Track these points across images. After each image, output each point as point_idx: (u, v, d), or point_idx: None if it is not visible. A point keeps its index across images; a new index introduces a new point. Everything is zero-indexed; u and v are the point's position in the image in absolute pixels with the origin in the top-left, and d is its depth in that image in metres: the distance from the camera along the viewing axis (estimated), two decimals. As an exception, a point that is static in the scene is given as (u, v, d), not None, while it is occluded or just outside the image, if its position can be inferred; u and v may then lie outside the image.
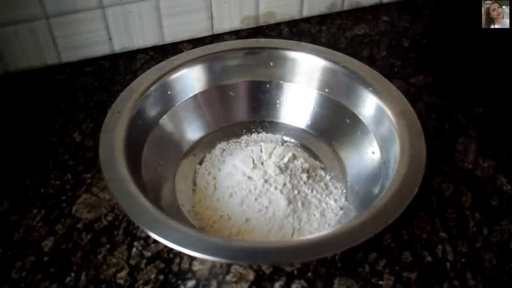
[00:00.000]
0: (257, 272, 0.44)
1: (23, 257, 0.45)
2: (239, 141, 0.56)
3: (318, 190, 0.49)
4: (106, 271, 0.44)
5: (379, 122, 0.51)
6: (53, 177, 0.51)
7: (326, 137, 0.56)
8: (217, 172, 0.51)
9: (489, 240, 0.46)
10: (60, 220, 0.48)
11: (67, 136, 0.56)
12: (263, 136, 0.56)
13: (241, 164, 0.49)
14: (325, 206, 0.48)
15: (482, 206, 0.49)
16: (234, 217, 0.46)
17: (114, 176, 0.43)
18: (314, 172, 0.50)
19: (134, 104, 0.49)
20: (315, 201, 0.48)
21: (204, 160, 0.53)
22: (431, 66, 0.67)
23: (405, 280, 0.43)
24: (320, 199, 0.48)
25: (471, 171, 0.53)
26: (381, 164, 0.48)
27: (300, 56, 0.56)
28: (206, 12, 0.68)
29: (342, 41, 0.71)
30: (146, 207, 0.41)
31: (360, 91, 0.53)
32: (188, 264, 0.44)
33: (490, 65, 0.67)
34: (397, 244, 0.46)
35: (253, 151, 0.50)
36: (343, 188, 0.50)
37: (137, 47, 0.68)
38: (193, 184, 0.51)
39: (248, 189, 0.47)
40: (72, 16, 0.62)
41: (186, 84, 0.54)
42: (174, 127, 0.54)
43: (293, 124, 0.57)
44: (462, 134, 0.57)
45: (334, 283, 0.43)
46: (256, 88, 0.58)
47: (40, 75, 0.64)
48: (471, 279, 0.43)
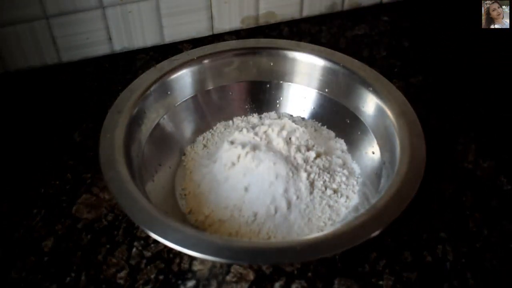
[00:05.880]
0: (257, 272, 0.44)
1: (23, 257, 0.45)
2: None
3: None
4: (106, 271, 0.44)
5: (379, 122, 0.51)
6: (53, 177, 0.51)
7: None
8: (215, 169, 0.51)
9: (489, 240, 0.46)
10: (60, 220, 0.48)
11: (67, 136, 0.56)
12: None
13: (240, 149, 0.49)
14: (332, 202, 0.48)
15: (482, 206, 0.49)
16: (234, 216, 0.47)
17: (114, 176, 0.43)
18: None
19: (134, 104, 0.49)
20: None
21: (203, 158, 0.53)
22: (431, 66, 0.67)
23: (405, 280, 0.43)
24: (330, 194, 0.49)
25: (471, 171, 0.53)
26: (381, 164, 0.48)
27: (300, 56, 0.56)
28: (206, 12, 0.68)
29: (342, 41, 0.71)
30: (146, 207, 0.41)
31: (360, 91, 0.53)
32: (188, 264, 0.44)
33: (490, 65, 0.67)
34: (397, 244, 0.46)
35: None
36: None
37: (137, 47, 0.68)
38: (193, 184, 0.51)
39: (249, 184, 0.47)
40: (72, 16, 0.62)
41: (186, 84, 0.54)
42: (174, 127, 0.54)
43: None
44: (462, 134, 0.57)
45: (334, 283, 0.43)
46: (256, 88, 0.58)
47: (40, 75, 0.64)
48: (471, 279, 0.43)
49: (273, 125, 0.51)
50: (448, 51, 0.70)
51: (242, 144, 0.49)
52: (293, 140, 0.50)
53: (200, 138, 0.55)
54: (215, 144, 0.54)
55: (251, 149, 0.48)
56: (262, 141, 0.50)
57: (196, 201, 0.49)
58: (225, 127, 0.57)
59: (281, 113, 0.58)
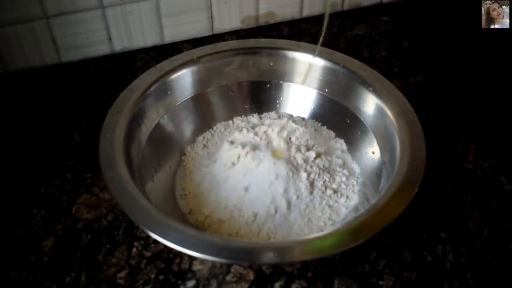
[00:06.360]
0: (257, 272, 0.44)
1: (23, 257, 0.45)
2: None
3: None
4: (106, 271, 0.44)
5: (379, 122, 0.51)
6: (53, 177, 0.51)
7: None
8: (215, 169, 0.51)
9: (489, 240, 0.46)
10: (60, 220, 0.48)
11: (67, 136, 0.56)
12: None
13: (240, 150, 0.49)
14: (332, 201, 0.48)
15: (482, 206, 0.49)
16: (234, 216, 0.47)
17: (114, 176, 0.43)
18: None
19: (134, 104, 0.49)
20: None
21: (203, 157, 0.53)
22: (431, 66, 0.67)
23: (405, 280, 0.43)
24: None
25: (471, 171, 0.53)
26: (381, 164, 0.48)
27: (300, 56, 0.56)
28: (206, 12, 0.68)
29: (342, 41, 0.71)
30: (146, 207, 0.41)
31: (360, 91, 0.53)
32: (188, 264, 0.44)
33: (490, 65, 0.67)
34: (397, 244, 0.46)
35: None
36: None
37: (137, 47, 0.68)
38: (193, 184, 0.51)
39: (249, 183, 0.47)
40: (72, 16, 0.62)
41: (186, 84, 0.54)
42: (174, 127, 0.54)
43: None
44: (462, 134, 0.57)
45: (334, 283, 0.43)
46: (256, 88, 0.58)
47: (40, 75, 0.64)
48: (471, 279, 0.43)
49: (273, 125, 0.51)
50: (448, 51, 0.70)
51: (242, 144, 0.49)
52: (293, 140, 0.50)
53: (200, 138, 0.55)
54: (215, 144, 0.54)
55: (251, 149, 0.48)
56: (262, 141, 0.50)
57: (196, 201, 0.49)
58: (225, 127, 0.57)
59: (281, 113, 0.58)
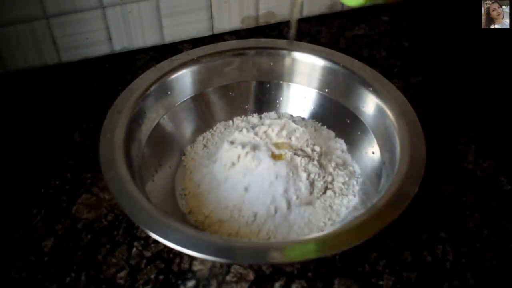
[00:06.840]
0: (257, 272, 0.44)
1: (23, 257, 0.45)
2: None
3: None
4: (106, 271, 0.44)
5: (379, 122, 0.51)
6: (53, 177, 0.51)
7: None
8: (215, 169, 0.51)
9: (489, 240, 0.46)
10: (60, 220, 0.48)
11: (67, 136, 0.56)
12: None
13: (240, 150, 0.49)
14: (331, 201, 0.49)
15: (482, 206, 0.49)
16: (234, 216, 0.47)
17: (114, 176, 0.43)
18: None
19: (134, 104, 0.49)
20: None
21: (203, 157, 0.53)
22: (431, 66, 0.67)
23: (405, 280, 0.43)
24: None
25: (471, 171, 0.53)
26: (381, 164, 0.48)
27: (300, 56, 0.56)
28: (206, 12, 0.68)
29: (342, 41, 0.71)
30: (146, 207, 0.41)
31: (360, 91, 0.53)
32: (188, 264, 0.44)
33: (490, 65, 0.67)
34: (397, 244, 0.46)
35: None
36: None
37: (137, 47, 0.68)
38: (193, 184, 0.51)
39: (249, 182, 0.47)
40: (72, 16, 0.62)
41: (186, 84, 0.54)
42: (174, 127, 0.54)
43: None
44: (462, 134, 0.57)
45: (334, 283, 0.43)
46: (256, 88, 0.58)
47: (40, 75, 0.64)
48: (471, 279, 0.43)
49: (273, 125, 0.51)
50: (448, 51, 0.70)
51: (242, 144, 0.49)
52: (293, 140, 0.50)
53: (200, 138, 0.55)
54: (215, 144, 0.54)
55: (251, 149, 0.48)
56: (262, 141, 0.50)
57: (196, 201, 0.49)
58: (225, 127, 0.57)
59: (281, 113, 0.58)
